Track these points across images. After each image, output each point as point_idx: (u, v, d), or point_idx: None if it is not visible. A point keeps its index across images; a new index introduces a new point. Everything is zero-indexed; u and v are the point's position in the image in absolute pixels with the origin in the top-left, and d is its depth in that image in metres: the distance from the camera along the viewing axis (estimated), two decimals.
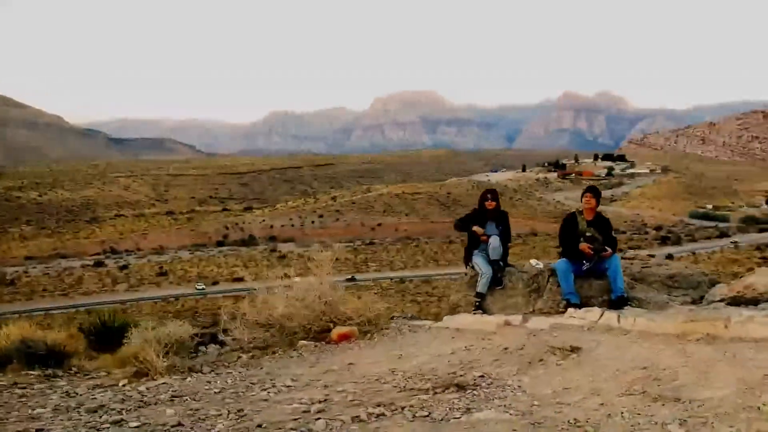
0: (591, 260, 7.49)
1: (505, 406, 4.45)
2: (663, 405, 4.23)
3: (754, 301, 6.76)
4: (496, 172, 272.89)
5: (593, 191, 7.84)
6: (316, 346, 7.21)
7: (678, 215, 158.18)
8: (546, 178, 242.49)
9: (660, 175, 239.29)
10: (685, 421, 3.89)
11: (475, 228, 8.05)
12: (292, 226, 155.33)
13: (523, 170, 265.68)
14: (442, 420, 4.24)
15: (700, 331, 6.00)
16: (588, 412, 4.19)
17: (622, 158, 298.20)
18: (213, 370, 6.41)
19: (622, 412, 4.13)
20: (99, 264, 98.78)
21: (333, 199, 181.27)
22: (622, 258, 8.59)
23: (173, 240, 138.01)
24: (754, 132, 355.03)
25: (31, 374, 6.81)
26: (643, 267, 8.26)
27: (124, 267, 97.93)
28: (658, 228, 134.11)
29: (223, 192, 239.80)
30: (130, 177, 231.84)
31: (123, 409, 4.95)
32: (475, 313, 7.78)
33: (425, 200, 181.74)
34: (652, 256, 14.24)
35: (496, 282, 7.99)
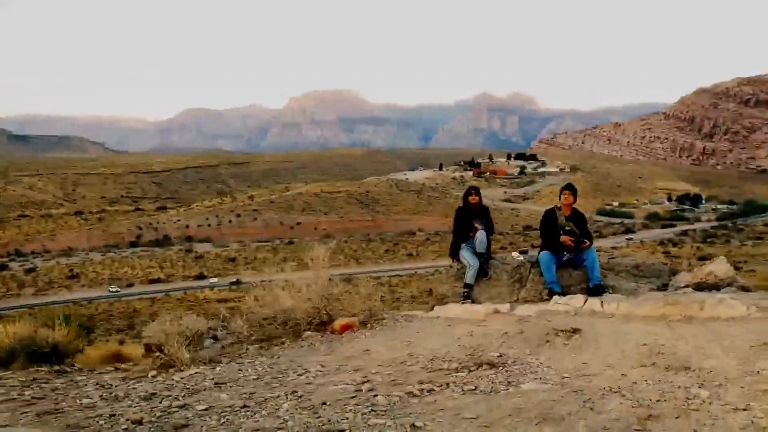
0: (571, 252, 8.20)
1: (541, 378, 5.02)
2: (676, 373, 4.88)
3: (716, 287, 7.62)
4: (414, 171, 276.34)
5: (570, 189, 8.55)
6: (322, 336, 7.59)
7: (586, 212, 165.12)
8: (462, 176, 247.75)
9: (569, 174, 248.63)
10: (702, 384, 4.56)
11: (476, 225, 8.59)
12: (209, 225, 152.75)
13: (440, 169, 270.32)
14: (491, 392, 4.76)
15: (679, 312, 6.77)
16: (615, 382, 4.80)
17: (533, 157, 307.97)
18: (232, 360, 6.68)
19: (645, 380, 4.76)
20: (2, 267, 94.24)
21: (251, 198, 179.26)
22: None
23: (83, 241, 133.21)
24: (656, 132, 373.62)
25: (41, 371, 6.87)
26: (609, 258, 9.07)
27: (31, 270, 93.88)
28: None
29: (135, 191, 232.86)
30: (35, 176, 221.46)
31: (176, 395, 5.20)
32: (464, 303, 8.35)
33: (344, 199, 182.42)
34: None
35: (482, 273, 8.59)
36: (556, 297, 7.86)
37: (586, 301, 7.56)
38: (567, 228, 8.27)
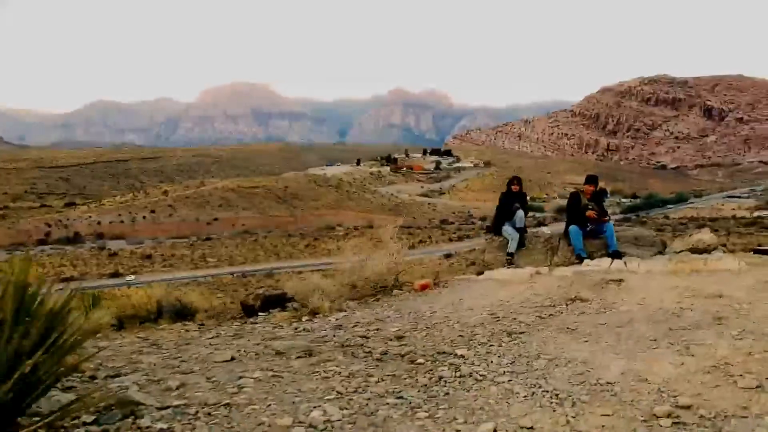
0: (594, 223, 10.46)
1: (627, 302, 7.17)
2: (713, 300, 7.12)
3: (706, 250, 10.04)
4: (331, 166, 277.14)
5: (593, 180, 10.83)
6: (408, 292, 9.53)
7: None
8: (380, 172, 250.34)
9: (483, 169, 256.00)
10: (737, 304, 6.80)
11: (516, 205, 10.74)
12: (122, 222, 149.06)
13: (358, 164, 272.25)
14: (599, 312, 6.87)
15: (687, 268, 9.09)
16: (673, 304, 6.98)
17: (448, 153, 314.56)
18: (356, 310, 8.50)
19: (692, 305, 6.97)
20: None
21: (165, 194, 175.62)
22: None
23: None
24: (564, 129, 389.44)
25: (189, 326, 8.48)
26: (615, 232, 11.38)
27: None
28: (483, 218, 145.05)
29: (40, 187, 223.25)
30: None
31: (353, 327, 7.00)
32: (508, 268, 10.47)
33: (263, 194, 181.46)
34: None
35: (521, 244, 10.75)
36: (586, 260, 10.07)
37: (612, 263, 9.80)
38: (589, 207, 10.53)
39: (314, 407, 4.12)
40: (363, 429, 3.77)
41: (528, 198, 11.44)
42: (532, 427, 3.68)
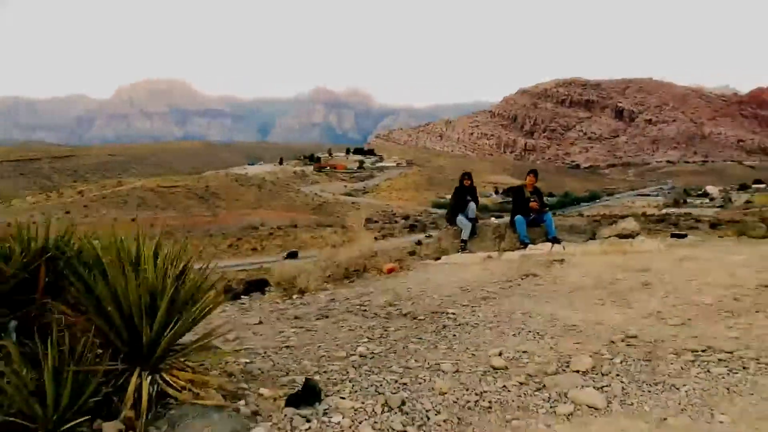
0: (536, 213, 12.00)
1: (572, 275, 8.66)
2: (641, 273, 8.68)
3: (630, 236, 11.73)
4: (253, 165, 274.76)
5: (534, 173, 12.36)
6: (380, 273, 10.78)
7: (423, 205, 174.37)
8: (303, 171, 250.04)
9: (406, 169, 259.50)
10: (660, 275, 8.39)
11: (468, 199, 12.16)
12: (35, 223, 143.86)
13: (281, 163, 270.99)
14: (553, 282, 8.32)
15: (616, 250, 10.72)
16: (610, 276, 8.49)
17: (371, 152, 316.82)
18: (337, 288, 9.70)
19: (625, 276, 8.50)
20: None
21: (80, 194, 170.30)
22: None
23: None
24: (483, 130, 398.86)
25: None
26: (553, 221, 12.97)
27: None
28: (406, 217, 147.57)
29: None
30: None
31: (331, 301, 8.21)
32: (463, 253, 11.88)
33: (183, 194, 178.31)
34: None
35: (473, 232, 12.18)
36: (530, 246, 11.59)
37: (552, 247, 11.35)
38: (532, 199, 12.06)
39: (357, 345, 5.35)
40: (402, 356, 5.02)
41: (476, 190, 12.90)
42: (526, 351, 5.03)
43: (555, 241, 11.76)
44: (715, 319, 5.84)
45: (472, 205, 12.27)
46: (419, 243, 21.40)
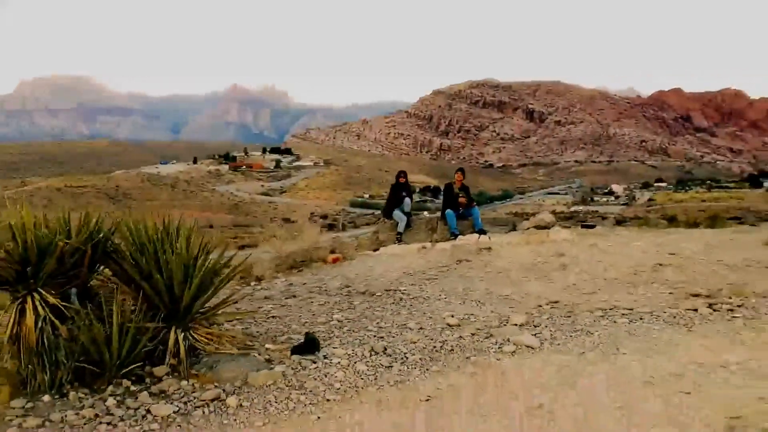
0: (464, 208, 13.30)
1: (499, 260, 9.95)
2: (558, 257, 10.06)
3: (547, 227, 13.21)
4: (166, 164, 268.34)
5: (462, 172, 13.66)
6: (325, 263, 11.79)
7: (340, 204, 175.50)
8: (218, 170, 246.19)
9: (323, 168, 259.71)
10: (573, 258, 9.79)
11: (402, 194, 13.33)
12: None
13: (195, 162, 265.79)
14: (484, 267, 9.57)
15: (536, 239, 12.12)
16: (532, 260, 9.85)
17: (288, 151, 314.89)
18: (287, 276, 10.66)
19: (545, 260, 9.87)
20: None
21: None
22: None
23: None
24: (400, 129, 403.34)
25: None
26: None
27: None
28: (324, 216, 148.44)
29: None
30: None
31: (290, 285, 9.23)
32: (399, 245, 13.03)
33: (93, 194, 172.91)
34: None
35: (408, 225, 13.37)
36: (459, 237, 12.87)
37: (479, 238, 12.66)
38: (460, 195, 13.35)
39: (332, 314, 6.40)
40: (372, 320, 6.12)
41: (409, 185, 14.11)
42: (473, 314, 6.21)
43: (481, 232, 13.05)
44: (618, 288, 7.22)
45: (407, 200, 13.44)
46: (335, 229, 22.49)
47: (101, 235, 4.89)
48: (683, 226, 16.49)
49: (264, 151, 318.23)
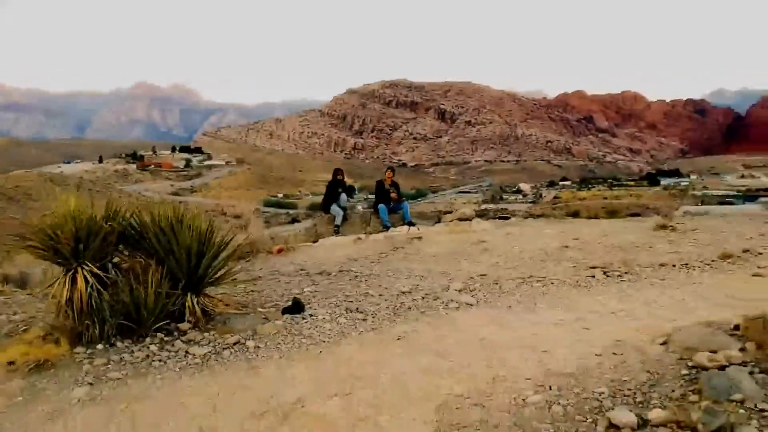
0: (395, 202, 14.75)
1: (430, 247, 11.42)
2: (480, 244, 11.64)
3: (469, 219, 14.84)
4: (69, 163, 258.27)
5: (392, 170, 15.11)
6: (269, 254, 12.95)
7: (254, 204, 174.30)
8: (125, 169, 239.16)
9: (235, 167, 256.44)
10: (493, 244, 11.38)
11: (339, 191, 14.64)
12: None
13: (100, 162, 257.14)
14: (416, 253, 11.01)
15: (459, 229, 13.70)
16: (458, 247, 11.38)
17: (199, 150, 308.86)
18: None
19: (469, 247, 11.42)
20: None
21: None
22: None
23: None
24: (314, 128, 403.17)
25: None
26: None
27: None
28: (237, 216, 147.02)
29: None
30: None
31: (249, 273, 10.42)
32: (337, 236, 14.34)
33: None
34: None
35: (344, 219, 14.69)
36: (391, 229, 14.31)
37: (408, 229, 14.13)
38: (391, 190, 14.79)
39: (302, 288, 7.68)
40: (337, 291, 7.44)
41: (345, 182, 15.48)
42: (418, 285, 7.63)
43: (411, 224, 14.53)
44: (532, 265, 8.81)
45: (343, 196, 14.77)
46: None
47: (131, 219, 6.00)
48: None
49: (173, 149, 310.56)
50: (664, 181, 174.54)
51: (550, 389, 4.07)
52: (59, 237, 5.38)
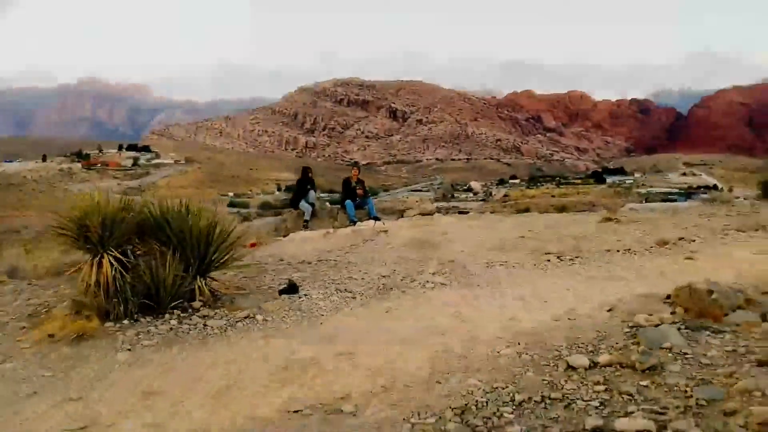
0: (361, 198, 15.62)
1: (396, 239, 12.32)
2: (443, 235, 12.59)
3: (430, 213, 15.81)
4: (11, 162, 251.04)
5: (358, 167, 15.98)
6: (244, 248, 13.65)
7: (205, 202, 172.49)
8: (70, 168, 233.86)
9: (185, 166, 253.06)
10: (454, 234, 12.36)
11: (308, 187, 15.44)
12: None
13: (44, 160, 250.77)
14: (384, 243, 11.90)
15: (423, 223, 14.65)
16: (423, 237, 12.31)
17: (146, 149, 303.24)
18: None
19: (433, 237, 12.36)
20: None
21: None
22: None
23: None
24: (264, 127, 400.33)
25: None
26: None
27: None
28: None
29: None
30: None
31: None
32: (306, 231, 15.13)
33: None
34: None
35: (313, 215, 15.50)
36: (358, 223, 15.17)
37: (375, 224, 15.01)
38: (357, 187, 15.66)
39: (291, 275, 8.50)
40: (322, 276, 8.29)
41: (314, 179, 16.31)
42: (395, 270, 8.53)
43: (376, 219, 15.43)
44: (493, 252, 9.82)
45: (312, 192, 15.60)
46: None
47: (147, 211, 6.75)
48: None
49: (120, 148, 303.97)
50: (609, 179, 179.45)
51: (519, 344, 5.02)
52: (89, 226, 6.10)
